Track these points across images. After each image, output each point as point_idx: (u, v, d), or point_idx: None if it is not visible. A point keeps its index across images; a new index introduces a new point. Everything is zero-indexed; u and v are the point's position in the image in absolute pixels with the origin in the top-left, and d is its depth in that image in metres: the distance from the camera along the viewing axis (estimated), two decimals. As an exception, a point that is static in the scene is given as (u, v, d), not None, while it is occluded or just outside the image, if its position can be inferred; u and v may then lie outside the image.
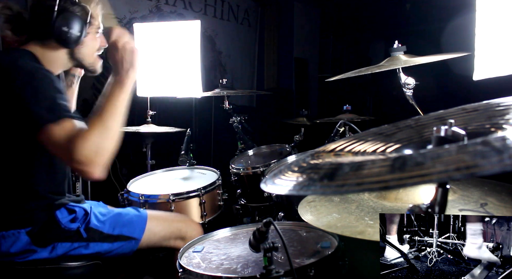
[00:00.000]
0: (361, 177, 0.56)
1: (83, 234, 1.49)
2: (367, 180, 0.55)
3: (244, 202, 2.26)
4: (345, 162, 0.65)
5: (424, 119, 0.84)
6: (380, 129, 0.86)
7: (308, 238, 1.37)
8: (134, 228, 1.59)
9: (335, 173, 0.61)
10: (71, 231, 1.48)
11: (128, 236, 1.57)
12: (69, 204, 1.54)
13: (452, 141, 0.65)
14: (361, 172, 0.58)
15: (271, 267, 0.99)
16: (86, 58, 1.60)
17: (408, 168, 0.53)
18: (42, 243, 1.45)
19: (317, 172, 0.65)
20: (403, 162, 0.55)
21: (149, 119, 2.61)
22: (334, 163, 0.67)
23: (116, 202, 1.99)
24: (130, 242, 1.57)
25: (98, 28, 1.60)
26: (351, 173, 0.59)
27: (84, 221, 1.51)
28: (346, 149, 0.79)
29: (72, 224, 1.49)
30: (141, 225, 1.61)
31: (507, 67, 1.37)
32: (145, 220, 1.63)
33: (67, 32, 1.48)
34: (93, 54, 1.61)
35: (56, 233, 1.47)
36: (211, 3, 4.89)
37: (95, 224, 1.53)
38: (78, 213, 1.52)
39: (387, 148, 0.76)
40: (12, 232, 1.44)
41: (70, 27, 1.48)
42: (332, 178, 0.60)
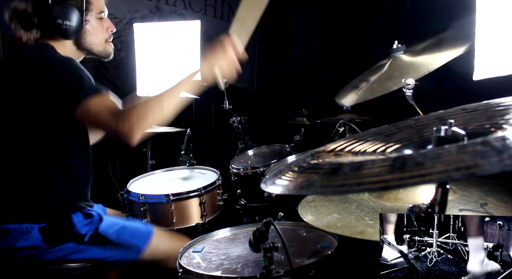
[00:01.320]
0: (361, 177, 0.56)
1: (86, 238, 1.49)
2: (367, 180, 0.55)
3: (244, 202, 2.26)
4: (345, 162, 0.65)
5: (424, 119, 0.84)
6: (380, 129, 0.86)
7: (308, 238, 1.37)
8: (139, 239, 1.59)
9: (335, 173, 0.61)
10: (81, 235, 1.49)
11: (131, 245, 1.57)
12: (86, 208, 1.54)
13: (452, 141, 0.65)
14: (361, 172, 0.58)
15: (271, 267, 0.99)
16: (94, 46, 1.58)
17: (408, 168, 0.53)
18: (52, 243, 1.45)
19: (317, 172, 0.65)
20: (403, 162, 0.55)
21: (149, 119, 2.60)
22: (334, 163, 0.67)
23: (116, 202, 1.99)
24: (132, 252, 1.57)
25: (99, 13, 1.57)
26: (351, 173, 0.59)
27: (95, 226, 1.52)
28: (346, 149, 0.79)
29: (85, 228, 1.50)
30: (146, 237, 1.61)
31: (507, 67, 1.37)
32: (150, 233, 1.63)
33: (62, 24, 1.46)
34: (101, 41, 1.59)
35: (68, 234, 1.47)
36: (211, 3, 4.89)
37: (104, 231, 1.53)
38: (94, 217, 1.53)
39: (387, 148, 0.76)
40: (25, 226, 1.43)
41: (65, 18, 1.46)
42: (332, 178, 0.60)
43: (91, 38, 1.57)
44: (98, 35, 1.58)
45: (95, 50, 1.60)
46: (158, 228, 1.73)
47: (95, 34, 1.57)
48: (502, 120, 0.70)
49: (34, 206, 1.46)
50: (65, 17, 1.47)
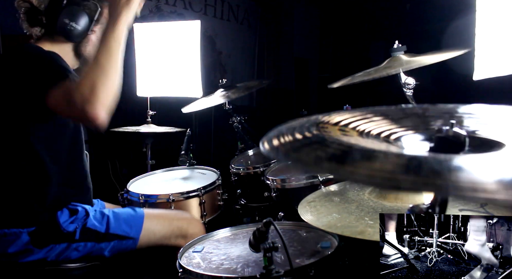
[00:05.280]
0: (373, 169, 0.54)
1: (77, 235, 1.48)
2: (379, 174, 0.53)
3: (244, 202, 2.26)
4: (354, 146, 0.63)
5: (432, 110, 0.82)
6: (388, 110, 0.82)
7: (308, 238, 1.37)
8: (130, 227, 1.58)
9: (345, 157, 0.58)
10: (69, 233, 1.48)
11: (124, 235, 1.56)
12: (71, 203, 1.53)
13: (453, 142, 0.65)
14: (374, 165, 0.55)
15: (271, 267, 0.99)
16: (91, 56, 1.59)
17: (424, 173, 0.51)
18: (40, 244, 1.45)
19: (324, 150, 0.61)
20: (418, 164, 0.53)
21: (149, 119, 2.60)
22: (342, 144, 0.64)
23: (116, 202, 1.99)
24: (127, 242, 1.56)
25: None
26: (362, 163, 0.56)
27: (82, 222, 1.51)
28: (351, 125, 0.75)
29: (71, 225, 1.49)
30: (138, 224, 1.60)
31: (507, 67, 1.37)
32: (141, 218, 1.61)
33: (67, 23, 1.47)
34: None
35: (55, 234, 1.47)
36: (211, 3, 4.89)
37: (93, 224, 1.52)
38: (79, 213, 1.52)
39: (391, 134, 0.73)
40: (14, 231, 1.43)
41: (72, 20, 1.47)
42: (342, 161, 0.57)
43: (91, 48, 1.57)
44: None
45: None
46: (148, 209, 1.73)
47: (96, 46, 1.57)
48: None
49: (20, 210, 1.45)
50: (73, 19, 1.48)
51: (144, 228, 1.60)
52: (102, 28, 1.56)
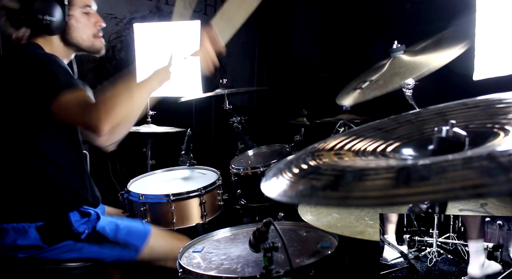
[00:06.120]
0: (365, 189, 0.54)
1: (84, 236, 1.49)
2: (372, 194, 0.52)
3: (244, 202, 2.26)
4: (347, 168, 0.63)
5: (424, 114, 0.82)
6: (380, 123, 0.83)
7: (308, 238, 1.37)
8: (136, 238, 1.59)
9: (338, 182, 0.58)
10: (78, 233, 1.48)
11: (129, 244, 1.56)
12: (83, 207, 1.54)
13: (454, 142, 0.64)
14: (365, 184, 0.55)
15: (271, 267, 0.99)
16: (81, 41, 1.55)
17: (413, 183, 0.51)
18: (50, 241, 1.45)
19: (319, 178, 0.62)
20: (407, 174, 0.53)
21: (149, 119, 2.60)
22: (336, 169, 0.64)
23: (116, 202, 1.99)
24: (129, 252, 1.57)
25: (85, 7, 1.53)
26: (354, 184, 0.56)
27: (93, 224, 1.52)
28: (346, 146, 0.76)
29: (82, 226, 1.49)
30: (144, 236, 1.61)
31: (507, 67, 1.37)
32: (148, 232, 1.62)
33: (42, 19, 1.44)
34: (88, 36, 1.56)
35: (65, 232, 1.47)
36: (211, 3, 4.89)
37: (102, 228, 1.53)
38: (91, 216, 1.52)
39: (387, 146, 0.74)
40: (22, 225, 1.43)
41: (45, 13, 1.43)
42: (335, 188, 0.57)
43: (77, 33, 1.53)
44: (85, 30, 1.55)
45: (83, 46, 1.57)
46: (156, 227, 1.73)
47: (82, 29, 1.53)
48: (504, 119, 0.68)
49: (29, 204, 1.45)
50: (45, 12, 1.43)
51: (148, 244, 1.60)
52: (78, 8, 1.52)
